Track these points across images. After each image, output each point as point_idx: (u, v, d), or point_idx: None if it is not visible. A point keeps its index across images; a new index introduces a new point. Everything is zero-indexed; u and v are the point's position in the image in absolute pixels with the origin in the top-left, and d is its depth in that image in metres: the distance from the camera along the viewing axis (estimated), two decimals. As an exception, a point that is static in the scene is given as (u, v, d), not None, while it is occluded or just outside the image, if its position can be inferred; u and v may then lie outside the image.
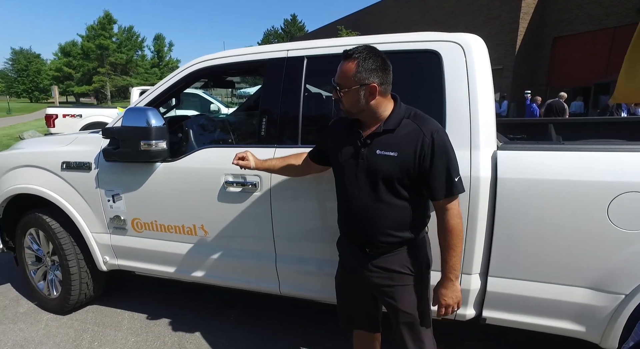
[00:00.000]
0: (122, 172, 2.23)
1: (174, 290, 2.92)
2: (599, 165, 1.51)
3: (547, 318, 1.68)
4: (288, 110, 1.97)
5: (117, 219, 2.31)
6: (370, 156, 1.38)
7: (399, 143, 1.34)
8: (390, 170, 1.35)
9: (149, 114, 2.04)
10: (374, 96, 1.34)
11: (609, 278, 1.55)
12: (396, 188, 1.37)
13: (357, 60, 1.33)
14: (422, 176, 1.34)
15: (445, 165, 1.33)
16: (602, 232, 1.51)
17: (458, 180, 1.35)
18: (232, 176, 2.00)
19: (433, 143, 1.31)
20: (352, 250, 1.53)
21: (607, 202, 1.48)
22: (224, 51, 2.20)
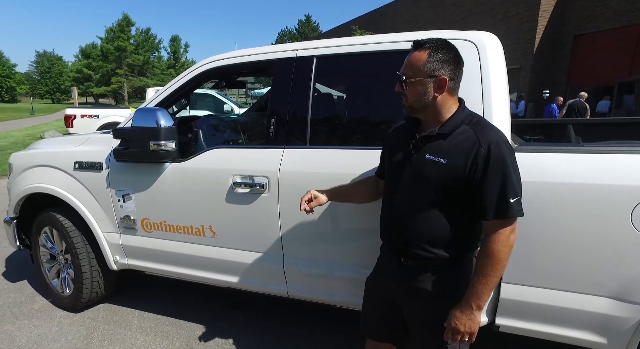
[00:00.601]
0: (132, 172, 2.24)
1: (183, 290, 2.93)
2: (622, 168, 1.43)
3: (565, 327, 1.61)
4: (297, 111, 1.95)
5: (127, 219, 2.32)
6: (419, 160, 1.28)
7: (451, 149, 1.22)
8: (436, 177, 1.23)
9: (159, 115, 2.05)
10: (442, 90, 1.22)
11: (632, 288, 1.47)
12: (439, 198, 1.24)
13: (428, 49, 1.23)
14: (472, 190, 1.20)
15: (500, 181, 1.16)
16: (626, 239, 1.43)
17: (515, 202, 1.17)
18: (240, 177, 1.99)
19: (489, 155, 1.16)
20: (390, 257, 1.44)
21: (631, 207, 1.41)
22: (234, 51, 2.19)
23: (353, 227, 1.86)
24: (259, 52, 2.10)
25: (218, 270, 2.20)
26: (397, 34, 1.85)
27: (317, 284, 2.00)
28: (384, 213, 1.44)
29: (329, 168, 1.85)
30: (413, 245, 1.31)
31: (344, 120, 2.08)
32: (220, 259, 2.15)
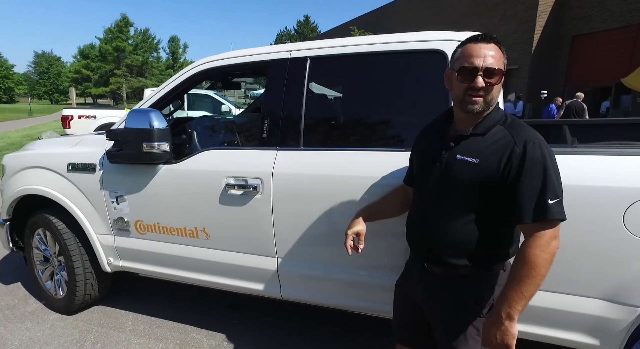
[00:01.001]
0: (126, 174, 2.23)
1: (177, 292, 2.92)
2: (615, 169, 1.43)
3: (558, 329, 1.60)
4: (290, 112, 1.94)
5: (120, 221, 2.31)
6: (450, 160, 1.22)
7: (484, 150, 1.17)
8: (467, 177, 1.18)
9: (152, 116, 2.04)
10: (501, 85, 1.19)
11: (625, 290, 1.46)
12: (469, 200, 1.19)
13: (498, 43, 1.17)
14: (506, 192, 1.14)
15: (538, 182, 1.10)
16: (618, 241, 1.42)
17: (555, 203, 1.09)
18: (233, 179, 1.98)
19: (524, 155, 1.11)
20: (415, 261, 1.40)
21: (623, 209, 1.40)
22: (228, 52, 2.18)
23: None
24: (254, 53, 2.09)
25: (211, 272, 2.18)
26: (391, 34, 1.85)
27: (311, 286, 1.99)
28: (411, 216, 1.40)
29: (322, 170, 1.84)
30: (437, 249, 1.25)
31: (338, 121, 2.07)
32: (214, 261, 2.14)
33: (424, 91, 1.78)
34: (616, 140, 2.69)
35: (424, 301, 1.36)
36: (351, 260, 1.86)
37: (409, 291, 1.45)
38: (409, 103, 1.85)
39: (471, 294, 1.26)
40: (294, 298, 2.07)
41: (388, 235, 1.77)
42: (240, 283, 2.14)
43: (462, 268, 1.25)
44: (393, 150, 1.76)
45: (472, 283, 1.26)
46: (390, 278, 1.63)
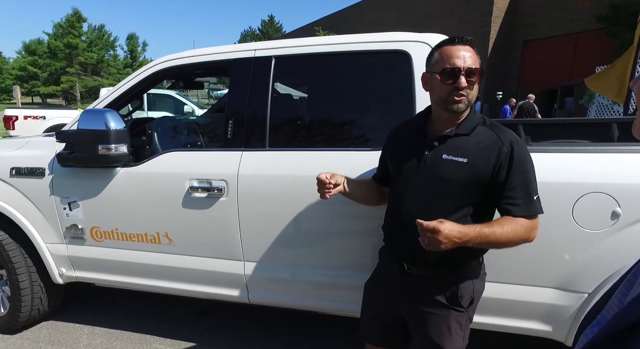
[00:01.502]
0: (79, 178, 2.09)
1: (138, 301, 2.78)
2: (564, 166, 1.52)
3: (515, 319, 1.68)
4: (255, 112, 1.90)
5: (74, 228, 2.16)
6: (435, 160, 1.24)
7: (471, 149, 1.21)
8: (457, 177, 1.21)
9: (108, 116, 1.93)
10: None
11: (573, 278, 1.56)
12: (457, 199, 1.22)
13: (472, 45, 1.22)
14: (496, 189, 1.20)
15: (524, 179, 1.19)
16: (568, 233, 1.51)
17: (537, 199, 1.20)
18: (197, 181, 1.91)
19: (512, 154, 1.18)
20: (391, 263, 1.40)
21: (572, 203, 1.49)
22: (189, 51, 2.11)
23: (314, 229, 1.83)
24: (217, 51, 2.03)
25: (175, 278, 2.10)
26: (356, 35, 1.86)
27: (280, 289, 1.97)
28: (390, 218, 1.39)
29: (289, 171, 1.82)
30: (419, 249, 1.21)
31: (304, 121, 2.06)
32: (178, 267, 2.06)
33: (389, 91, 1.81)
34: (564, 139, 2.87)
35: (404, 301, 1.37)
36: (319, 261, 1.86)
37: (382, 292, 1.45)
38: (374, 103, 1.87)
39: (452, 290, 1.29)
40: (262, 302, 2.04)
41: (355, 234, 1.79)
42: (206, 289, 2.07)
43: (443, 267, 1.28)
44: (359, 149, 1.77)
45: (452, 279, 1.29)
46: (358, 278, 1.64)
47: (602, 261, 1.48)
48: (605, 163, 1.49)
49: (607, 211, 1.44)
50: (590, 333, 0.57)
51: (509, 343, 2.10)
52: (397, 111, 1.76)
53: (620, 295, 0.56)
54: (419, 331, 1.35)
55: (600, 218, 1.46)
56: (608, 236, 1.46)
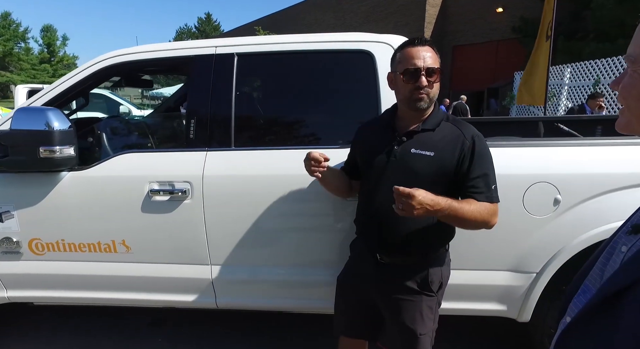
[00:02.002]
0: (13, 185, 1.87)
1: (83, 316, 2.54)
2: (514, 159, 1.69)
3: (476, 302, 1.82)
4: (219, 111, 1.84)
5: (6, 242, 1.92)
6: (404, 154, 1.32)
7: (437, 143, 1.30)
8: (424, 170, 1.29)
9: (50, 115, 1.73)
10: (439, 83, 1.33)
11: (523, 260, 1.74)
12: (425, 188, 1.22)
13: (432, 45, 1.31)
14: (459, 180, 1.30)
15: (484, 170, 1.30)
16: (519, 219, 1.68)
17: (495, 189, 1.32)
18: (157, 184, 1.80)
19: (474, 147, 1.29)
20: (364, 255, 1.46)
21: (522, 192, 1.66)
22: (142, 46, 1.98)
23: (283, 229, 1.83)
24: (174, 47, 1.94)
25: (135, 288, 1.96)
26: (320, 34, 1.89)
27: (249, 291, 1.93)
28: (362, 210, 1.46)
29: (256, 170, 1.80)
30: (396, 237, 1.35)
31: (271, 119, 2.03)
32: (138, 276, 1.92)
33: (354, 89, 1.87)
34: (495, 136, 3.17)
35: (377, 291, 1.43)
36: (289, 260, 1.86)
37: (356, 284, 1.50)
38: (340, 101, 1.91)
39: (422, 277, 1.38)
40: (231, 306, 1.98)
41: (324, 231, 1.81)
42: (169, 297, 1.96)
43: (413, 256, 1.37)
44: (327, 147, 1.80)
45: (422, 267, 1.39)
46: (329, 274, 1.68)
47: (546, 243, 1.67)
48: (548, 156, 1.68)
49: (550, 198, 1.63)
50: (579, 302, 0.65)
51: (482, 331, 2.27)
52: (363, 109, 1.82)
53: (600, 265, 0.65)
54: (393, 318, 1.42)
55: (544, 204, 1.64)
56: (551, 220, 1.65)
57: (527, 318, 1.79)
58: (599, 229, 1.60)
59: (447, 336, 1.79)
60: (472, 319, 2.01)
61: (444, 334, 1.97)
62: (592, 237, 1.61)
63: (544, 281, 1.71)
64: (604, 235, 1.60)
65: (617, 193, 1.58)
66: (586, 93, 8.28)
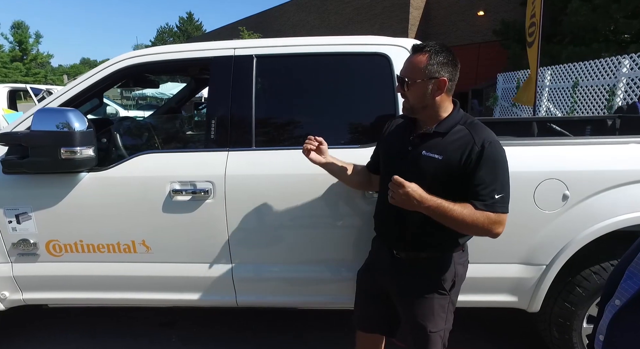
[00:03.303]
0: (31, 186, 1.85)
1: (94, 319, 2.52)
2: (527, 157, 1.78)
3: (489, 294, 1.91)
4: (240, 111, 1.87)
5: (24, 243, 1.90)
6: (416, 156, 1.35)
7: (447, 147, 1.30)
8: (432, 172, 1.31)
9: (71, 116, 1.73)
10: (441, 91, 1.31)
11: (534, 253, 1.83)
12: (435, 191, 1.27)
13: (428, 53, 1.30)
14: (464, 184, 1.29)
15: (490, 177, 1.26)
16: (530, 215, 1.77)
17: (500, 198, 1.26)
18: (179, 184, 1.82)
19: (482, 152, 1.26)
20: (381, 249, 1.52)
21: (533, 189, 1.76)
22: (156, 47, 2.01)
23: (304, 227, 1.87)
24: (191, 49, 1.96)
25: (154, 288, 1.96)
26: (336, 37, 1.94)
27: (269, 288, 1.96)
28: (379, 206, 1.51)
29: (278, 170, 1.84)
30: (407, 235, 1.39)
31: (291, 120, 2.07)
32: (157, 276, 1.93)
33: (370, 91, 1.93)
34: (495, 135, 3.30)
35: (392, 285, 1.48)
36: (310, 258, 1.90)
37: (374, 279, 1.56)
38: (356, 102, 1.97)
39: (435, 275, 1.42)
40: (250, 304, 2.01)
41: (347, 230, 1.87)
42: (189, 296, 1.97)
43: (427, 253, 1.42)
44: (347, 147, 1.86)
45: (436, 264, 1.42)
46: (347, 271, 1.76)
47: (555, 236, 1.78)
48: (557, 154, 1.79)
49: (559, 194, 1.73)
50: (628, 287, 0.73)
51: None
52: (380, 110, 1.88)
53: None
54: (405, 313, 1.47)
55: (554, 200, 1.75)
56: (560, 215, 1.76)
57: (537, 309, 1.89)
58: (605, 222, 1.71)
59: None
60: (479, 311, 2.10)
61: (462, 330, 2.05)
62: (599, 230, 1.72)
63: (553, 273, 1.81)
64: (609, 228, 1.72)
65: (621, 189, 1.70)
66: (566, 95, 8.62)
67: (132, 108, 12.94)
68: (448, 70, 1.32)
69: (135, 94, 16.51)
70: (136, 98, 16.63)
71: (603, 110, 7.43)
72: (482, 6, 15.89)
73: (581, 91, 8.16)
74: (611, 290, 0.79)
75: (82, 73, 21.70)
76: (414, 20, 17.85)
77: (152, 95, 14.76)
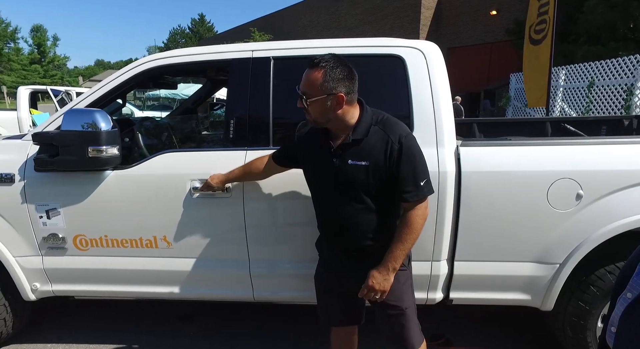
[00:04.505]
0: (60, 183, 1.94)
1: (116, 311, 2.61)
2: (540, 156, 1.80)
3: (503, 292, 1.93)
4: (258, 111, 1.93)
5: (53, 238, 1.99)
6: (343, 166, 1.39)
7: (369, 152, 1.37)
8: (363, 179, 1.37)
9: (97, 116, 1.81)
10: (340, 106, 1.34)
11: (547, 252, 1.85)
12: (372, 195, 1.39)
13: (324, 69, 1.31)
14: (392, 180, 1.37)
15: (412, 169, 1.36)
16: (544, 214, 1.79)
17: (425, 183, 1.38)
18: (199, 182, 1.88)
19: (401, 149, 1.35)
20: (332, 252, 1.57)
21: (547, 188, 1.77)
22: (177, 50, 2.07)
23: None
24: (211, 51, 2.02)
25: (174, 282, 2.04)
26: (351, 39, 1.99)
27: (285, 284, 2.02)
28: (322, 217, 1.55)
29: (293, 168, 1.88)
30: (361, 240, 1.45)
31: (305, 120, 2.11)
32: (177, 270, 2.00)
33: (386, 93, 1.96)
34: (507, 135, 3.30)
35: (354, 280, 1.50)
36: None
37: (334, 276, 1.59)
38: (371, 103, 1.99)
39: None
40: (267, 299, 2.07)
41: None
42: (207, 291, 2.04)
43: (371, 248, 1.46)
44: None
45: (381, 253, 1.45)
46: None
47: (569, 235, 1.79)
48: (570, 153, 1.80)
49: (573, 193, 1.75)
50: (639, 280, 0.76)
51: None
52: (396, 112, 1.91)
53: None
54: (376, 304, 1.49)
55: (567, 199, 1.76)
56: (573, 214, 1.77)
57: (550, 307, 1.90)
58: (620, 222, 1.72)
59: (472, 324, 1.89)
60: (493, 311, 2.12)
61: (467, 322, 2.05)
62: (613, 230, 1.73)
63: (567, 271, 1.82)
64: (624, 228, 1.72)
65: (637, 188, 1.70)
66: (581, 95, 8.50)
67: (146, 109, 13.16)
68: (345, 84, 1.33)
69: (148, 95, 16.80)
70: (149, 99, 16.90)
71: (620, 110, 7.31)
72: (494, 6, 15.73)
73: (597, 91, 8.03)
74: (623, 283, 0.81)
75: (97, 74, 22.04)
76: (425, 21, 17.76)
77: (165, 96, 14.99)
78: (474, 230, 1.85)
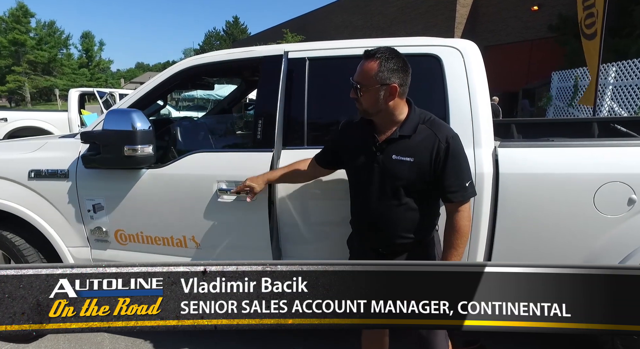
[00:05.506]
0: (103, 180, 2.04)
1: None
2: (586, 158, 1.69)
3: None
4: (292, 112, 1.94)
5: (98, 231, 2.10)
6: (386, 161, 1.40)
7: (415, 149, 1.38)
8: (407, 175, 1.38)
9: (134, 116, 1.89)
10: (393, 97, 1.36)
11: (596, 258, 1.72)
12: (412, 192, 1.41)
13: (379, 59, 1.34)
14: (436, 180, 1.39)
15: (457, 169, 1.38)
16: (590, 219, 1.68)
17: (469, 185, 1.40)
18: (225, 184, 1.90)
19: (448, 149, 1.36)
20: (364, 249, 1.56)
21: (593, 192, 1.66)
22: (214, 52, 2.13)
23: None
24: (246, 51, 2.06)
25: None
26: (387, 38, 1.95)
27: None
28: (358, 212, 1.54)
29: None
30: (394, 236, 1.46)
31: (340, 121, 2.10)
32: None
33: (422, 92, 1.90)
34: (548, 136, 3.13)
35: None
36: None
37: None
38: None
39: (424, 256, 1.51)
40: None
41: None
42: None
43: (401, 246, 1.48)
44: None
45: (419, 250, 1.50)
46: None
47: (620, 242, 1.67)
48: (621, 155, 1.68)
49: (625, 198, 1.63)
50: None
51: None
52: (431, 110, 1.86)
53: None
54: None
55: (618, 204, 1.64)
56: (625, 220, 1.65)
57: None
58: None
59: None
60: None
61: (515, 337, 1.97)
62: (670, 238, 1.60)
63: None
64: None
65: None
66: (634, 93, 7.93)
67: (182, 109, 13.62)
68: (399, 76, 1.35)
69: (183, 96, 17.41)
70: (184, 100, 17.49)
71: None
72: (536, 0, 15.01)
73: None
74: None
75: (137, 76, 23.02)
76: (461, 18, 17.25)
77: (200, 97, 15.45)
78: (511, 235, 1.76)
